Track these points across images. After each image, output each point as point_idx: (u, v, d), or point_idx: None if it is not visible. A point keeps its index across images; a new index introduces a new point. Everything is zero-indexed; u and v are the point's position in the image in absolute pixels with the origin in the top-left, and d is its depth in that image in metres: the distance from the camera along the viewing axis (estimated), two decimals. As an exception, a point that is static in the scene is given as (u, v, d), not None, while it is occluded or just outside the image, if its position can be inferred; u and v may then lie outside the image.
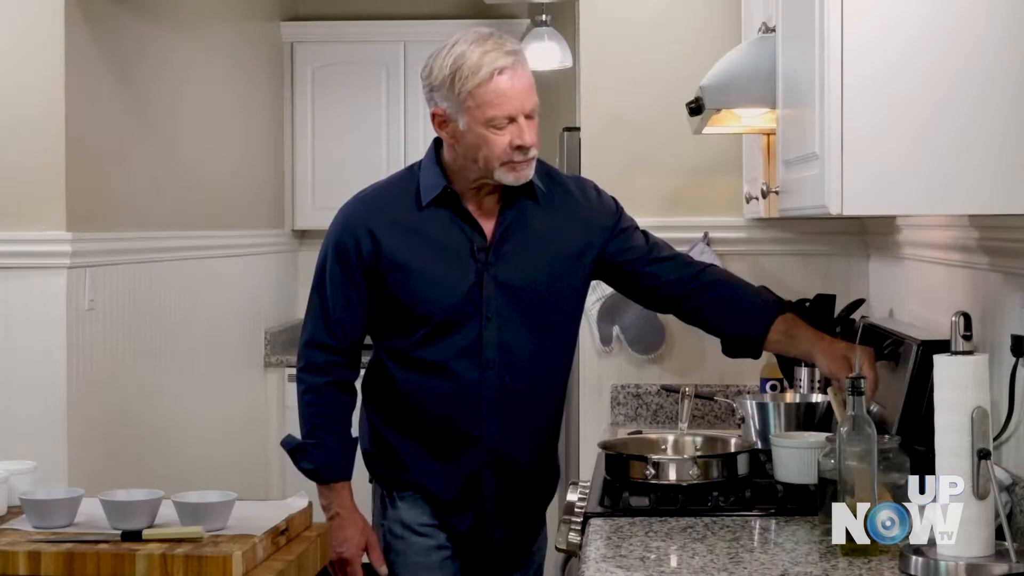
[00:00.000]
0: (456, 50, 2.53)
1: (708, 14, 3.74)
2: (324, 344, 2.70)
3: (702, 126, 3.04)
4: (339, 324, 2.69)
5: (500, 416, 2.68)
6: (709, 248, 3.68)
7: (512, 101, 2.53)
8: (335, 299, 2.68)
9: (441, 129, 2.61)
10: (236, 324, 5.51)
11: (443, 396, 2.66)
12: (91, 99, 4.09)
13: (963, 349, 2.10)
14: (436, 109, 2.58)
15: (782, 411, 3.09)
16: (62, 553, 2.70)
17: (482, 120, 2.52)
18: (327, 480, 2.75)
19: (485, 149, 2.55)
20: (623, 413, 3.75)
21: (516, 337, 2.66)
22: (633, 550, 2.33)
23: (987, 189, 1.96)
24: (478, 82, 2.50)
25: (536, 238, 2.68)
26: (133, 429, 4.36)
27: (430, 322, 2.63)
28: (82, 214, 4.00)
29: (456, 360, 2.65)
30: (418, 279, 2.63)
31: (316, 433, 2.72)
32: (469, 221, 2.66)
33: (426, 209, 2.65)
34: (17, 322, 3.90)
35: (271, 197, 6.12)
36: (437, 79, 2.55)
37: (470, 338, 2.64)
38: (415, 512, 2.75)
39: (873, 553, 2.17)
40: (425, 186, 2.66)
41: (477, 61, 2.50)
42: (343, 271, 2.66)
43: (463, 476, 2.71)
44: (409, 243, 2.64)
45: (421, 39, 6.24)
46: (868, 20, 1.98)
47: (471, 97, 2.51)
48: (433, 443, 2.71)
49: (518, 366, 2.67)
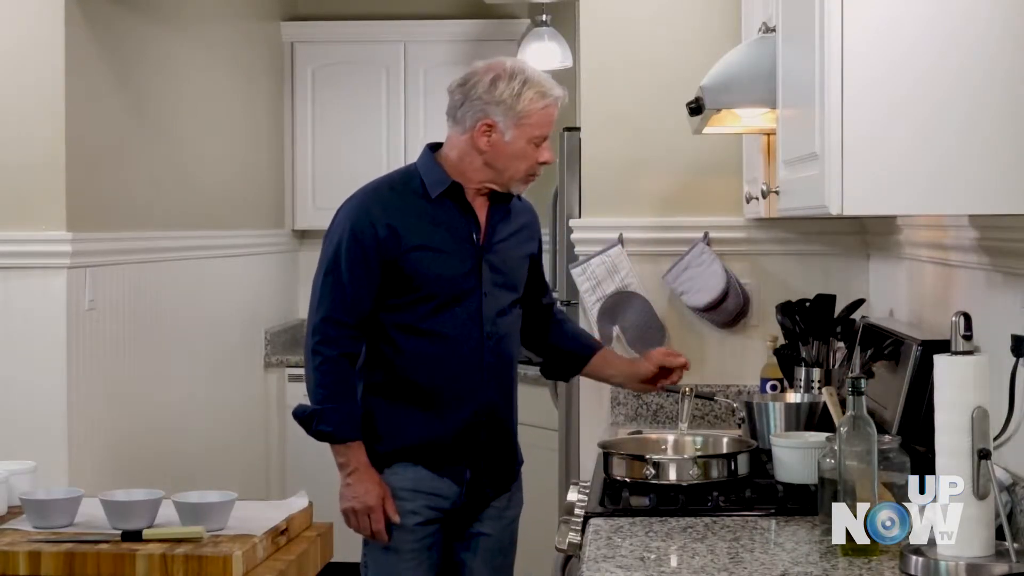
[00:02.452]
0: (520, 75, 2.97)
1: (708, 14, 3.74)
2: (340, 321, 2.96)
3: (702, 126, 3.04)
4: (355, 301, 2.96)
5: (496, 379, 3.03)
6: (709, 248, 3.68)
7: (551, 126, 3.02)
8: (350, 279, 2.96)
9: (483, 137, 2.97)
10: (236, 324, 5.51)
11: (451, 362, 2.98)
12: (91, 99, 4.09)
13: (963, 349, 2.10)
14: (488, 120, 2.96)
15: (782, 411, 3.09)
16: (62, 553, 2.70)
17: (529, 136, 2.96)
18: (345, 439, 2.95)
19: (520, 160, 2.98)
20: (623, 413, 3.75)
21: (501, 312, 3.05)
22: (633, 550, 2.33)
23: (987, 189, 1.96)
24: (542, 106, 2.96)
25: (511, 234, 3.10)
26: (133, 429, 4.36)
27: (439, 296, 2.97)
28: (82, 214, 4.00)
29: (462, 330, 2.99)
30: (433, 259, 2.97)
31: (334, 398, 2.95)
32: (469, 212, 3.02)
33: (435, 200, 3.00)
34: (17, 322, 3.90)
35: (271, 197, 6.12)
36: (502, 95, 2.95)
37: (472, 311, 2.99)
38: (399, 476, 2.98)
39: (873, 553, 2.17)
40: (431, 181, 3.01)
41: (540, 90, 2.97)
42: (362, 253, 2.95)
43: (462, 427, 3.00)
44: (424, 228, 2.98)
45: (421, 39, 6.24)
46: (868, 20, 1.98)
47: (528, 117, 2.95)
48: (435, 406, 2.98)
49: (505, 335, 3.05)
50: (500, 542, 3.10)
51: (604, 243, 3.74)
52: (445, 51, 6.19)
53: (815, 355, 3.27)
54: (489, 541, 3.09)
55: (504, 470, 3.09)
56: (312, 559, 3.05)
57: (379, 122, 6.26)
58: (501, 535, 3.10)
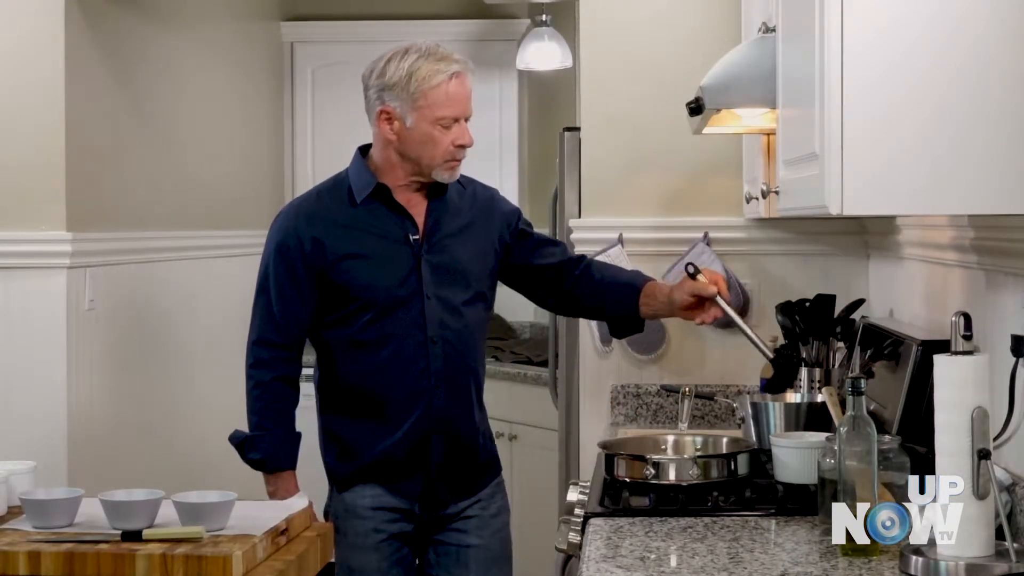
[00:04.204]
0: (411, 55, 2.83)
1: (708, 14, 3.74)
2: (270, 341, 2.93)
3: (702, 126, 3.04)
4: (284, 321, 2.91)
5: (446, 384, 2.90)
6: (709, 248, 3.68)
7: (459, 104, 2.83)
8: (279, 298, 2.90)
9: (385, 125, 2.85)
10: (236, 324, 5.49)
11: (395, 371, 2.88)
12: (91, 99, 4.09)
13: (963, 349, 2.10)
14: (385, 107, 2.83)
15: (782, 411, 3.09)
16: (62, 553, 2.70)
17: (431, 119, 2.80)
18: (273, 469, 2.94)
19: (430, 146, 2.82)
20: (623, 413, 3.75)
21: (452, 313, 2.91)
22: (633, 550, 2.33)
23: (986, 189, 1.97)
24: (433, 84, 2.80)
25: (460, 227, 2.95)
26: (133, 429, 4.36)
27: (376, 305, 2.86)
28: (82, 214, 4.00)
29: (404, 337, 2.87)
30: (362, 267, 2.86)
31: (263, 425, 2.92)
32: (401, 212, 2.90)
33: (360, 206, 2.89)
34: (17, 322, 3.90)
35: (271, 197, 6.12)
36: (392, 79, 2.81)
37: (414, 315, 2.87)
38: (356, 496, 2.94)
39: (873, 553, 2.17)
40: (357, 186, 2.91)
41: (433, 66, 2.81)
42: (287, 271, 2.88)
43: (412, 441, 2.90)
44: (350, 237, 2.88)
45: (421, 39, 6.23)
46: (868, 20, 1.98)
47: (424, 97, 2.80)
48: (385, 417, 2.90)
49: (456, 338, 2.91)
50: (491, 551, 3.02)
51: (604, 243, 3.74)
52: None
53: (815, 355, 3.27)
54: (479, 552, 3.00)
55: (465, 480, 2.98)
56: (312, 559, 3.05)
57: (379, 122, 6.25)
58: (491, 544, 3.02)
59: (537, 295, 3.14)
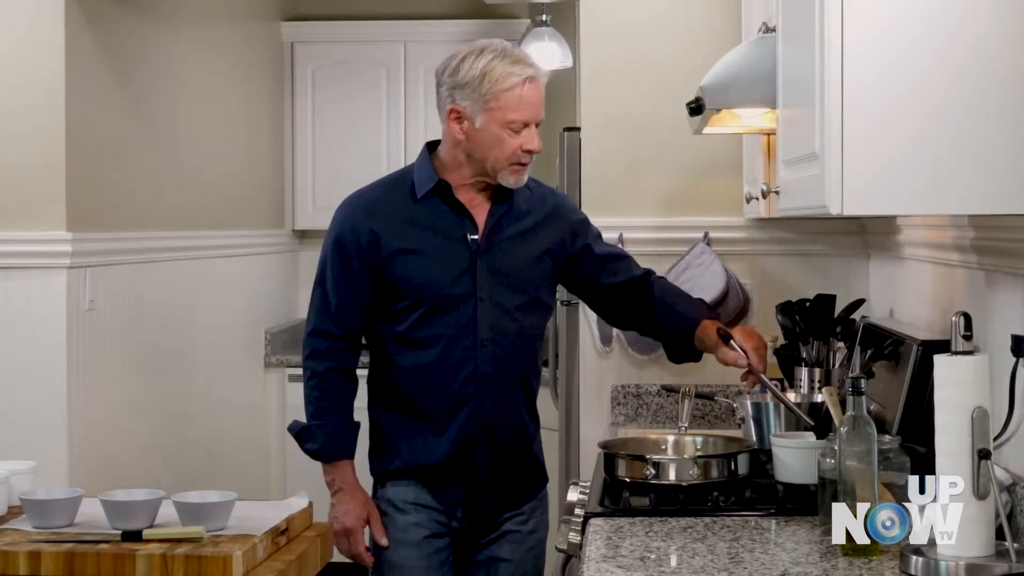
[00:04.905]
0: (487, 55, 2.78)
1: (708, 14, 3.75)
2: (326, 332, 2.88)
3: (702, 126, 3.04)
4: (339, 312, 2.86)
5: (494, 389, 2.85)
6: (709, 248, 3.68)
7: (531, 109, 2.78)
8: (335, 290, 2.86)
9: (455, 124, 2.80)
10: (236, 324, 5.51)
11: (441, 372, 2.83)
12: (91, 99, 4.09)
13: (963, 349, 2.10)
14: (456, 106, 2.79)
15: (782, 411, 3.08)
16: (62, 553, 2.70)
17: (502, 121, 2.76)
18: (330, 458, 2.88)
19: (497, 149, 2.78)
20: (623, 413, 3.75)
21: (506, 316, 2.86)
22: (633, 550, 2.33)
23: (986, 189, 1.97)
24: (507, 87, 2.75)
25: (521, 231, 2.90)
26: (133, 429, 4.36)
27: (426, 303, 2.82)
28: (82, 214, 4.00)
29: (455, 338, 2.83)
30: (416, 263, 2.82)
31: (320, 415, 2.87)
32: (461, 211, 2.86)
33: (421, 201, 2.85)
34: (17, 322, 3.90)
35: (271, 197, 6.12)
36: (465, 78, 2.76)
37: (466, 317, 2.82)
38: (399, 490, 2.88)
39: (873, 553, 2.17)
40: (419, 181, 2.87)
41: (508, 68, 2.75)
42: (342, 263, 2.85)
43: (456, 445, 2.85)
44: (407, 232, 2.84)
45: (421, 39, 6.24)
46: (868, 20, 1.98)
47: (495, 99, 2.75)
48: (430, 418, 2.85)
49: (508, 342, 2.86)
50: (521, 569, 2.95)
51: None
52: (445, 51, 6.09)
53: (815, 355, 3.27)
54: (510, 567, 2.93)
55: (512, 490, 2.92)
56: (312, 559, 3.05)
57: (379, 122, 6.26)
58: (523, 561, 2.95)
59: (598, 307, 3.08)
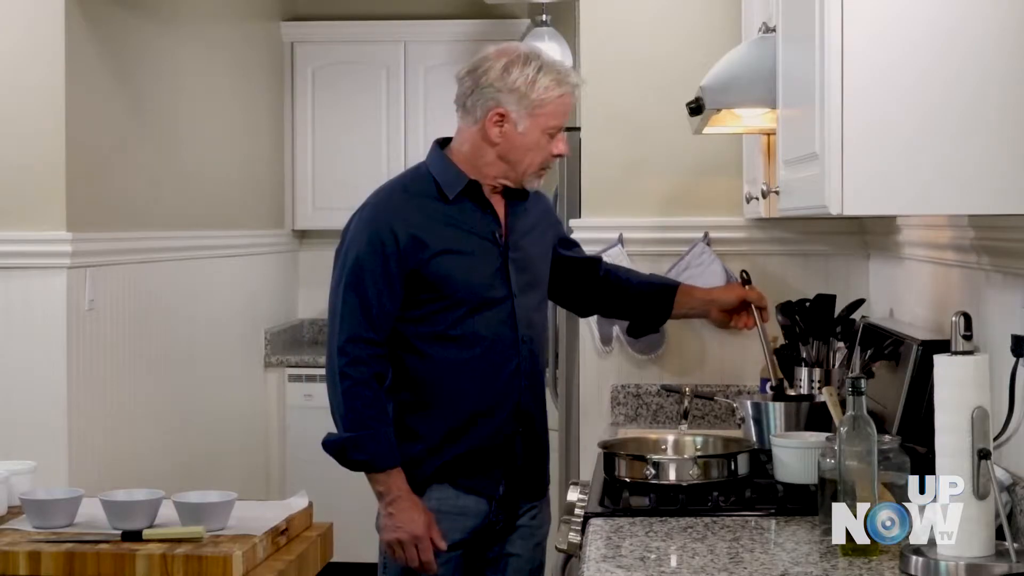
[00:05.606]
0: (533, 62, 2.83)
1: (708, 14, 3.74)
2: (368, 338, 2.79)
3: (702, 126, 3.04)
4: (379, 317, 2.80)
5: (532, 384, 2.91)
6: (709, 248, 3.68)
7: (566, 116, 2.89)
8: (376, 294, 2.80)
9: (495, 127, 2.82)
10: (236, 324, 5.51)
11: (484, 370, 2.84)
12: (91, 99, 4.09)
13: (963, 349, 2.10)
14: (501, 109, 2.81)
15: (782, 411, 3.08)
16: (62, 553, 2.70)
17: (544, 127, 2.83)
18: (384, 468, 2.80)
19: (534, 152, 2.84)
20: (623, 413, 3.75)
21: (535, 312, 2.94)
22: (633, 550, 2.33)
23: (986, 189, 1.96)
24: (555, 95, 2.82)
25: (529, 229, 2.97)
26: (133, 429, 4.36)
27: (468, 302, 2.83)
28: (82, 214, 4.00)
29: (494, 337, 2.85)
30: (459, 264, 2.83)
31: (368, 424, 2.78)
32: (489, 210, 2.89)
33: (453, 201, 2.86)
34: (17, 322, 3.90)
35: (271, 197, 6.12)
36: (515, 83, 2.80)
37: (505, 314, 2.86)
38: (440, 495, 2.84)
39: (873, 553, 2.17)
40: (445, 181, 2.86)
41: (557, 78, 2.83)
42: (382, 266, 2.79)
43: (499, 440, 2.86)
44: (447, 233, 2.84)
45: (421, 39, 6.24)
46: (868, 20, 1.98)
47: (542, 106, 2.81)
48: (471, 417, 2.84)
49: (538, 337, 2.95)
50: (531, 563, 2.97)
51: (604, 243, 3.73)
52: (445, 51, 6.20)
53: (815, 355, 3.27)
54: (519, 562, 2.95)
55: (536, 483, 2.97)
56: (312, 559, 3.05)
57: (379, 122, 6.26)
58: (532, 556, 2.97)
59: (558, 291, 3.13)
